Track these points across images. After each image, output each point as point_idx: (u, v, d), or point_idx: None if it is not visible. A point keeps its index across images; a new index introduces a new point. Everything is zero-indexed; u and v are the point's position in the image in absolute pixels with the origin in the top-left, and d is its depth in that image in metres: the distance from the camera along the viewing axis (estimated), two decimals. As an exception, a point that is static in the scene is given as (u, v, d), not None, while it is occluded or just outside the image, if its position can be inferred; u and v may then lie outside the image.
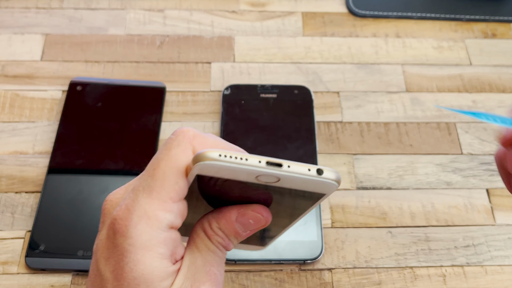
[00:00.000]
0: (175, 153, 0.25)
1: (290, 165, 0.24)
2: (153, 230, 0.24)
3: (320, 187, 0.25)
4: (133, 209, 0.24)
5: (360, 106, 0.53)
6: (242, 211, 0.27)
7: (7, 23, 0.57)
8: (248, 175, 0.24)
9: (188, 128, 0.26)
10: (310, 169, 0.24)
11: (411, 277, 0.44)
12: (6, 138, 0.49)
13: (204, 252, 0.27)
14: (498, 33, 0.59)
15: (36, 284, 0.42)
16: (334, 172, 0.24)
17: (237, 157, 0.23)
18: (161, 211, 0.24)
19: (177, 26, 0.57)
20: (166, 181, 0.25)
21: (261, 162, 0.23)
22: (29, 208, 0.45)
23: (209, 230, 0.27)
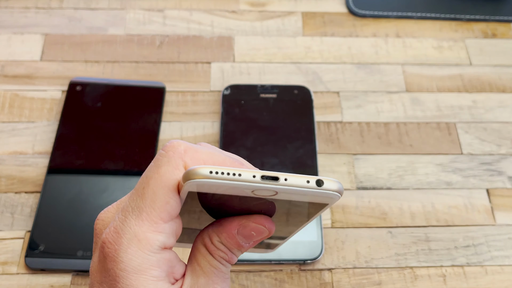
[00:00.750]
0: (165, 171, 0.24)
1: (287, 177, 0.22)
2: (145, 253, 0.23)
3: (322, 198, 0.23)
4: (122, 232, 0.23)
5: (360, 106, 0.53)
6: (243, 223, 0.25)
7: (7, 23, 0.57)
8: (244, 190, 0.23)
9: (179, 142, 0.24)
10: (309, 180, 0.22)
11: (411, 277, 0.43)
12: (6, 138, 0.49)
13: (207, 269, 0.26)
14: (498, 33, 0.59)
15: (36, 284, 0.42)
16: (335, 182, 0.22)
17: (230, 173, 0.22)
18: (151, 232, 0.23)
19: (177, 26, 0.57)
20: (156, 201, 0.23)
21: (255, 176, 0.22)
22: (29, 208, 0.45)
23: (210, 245, 0.26)
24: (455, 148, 0.51)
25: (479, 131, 0.52)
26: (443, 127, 0.52)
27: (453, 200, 0.47)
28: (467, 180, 0.49)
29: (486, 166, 0.50)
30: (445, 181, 0.49)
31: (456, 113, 0.53)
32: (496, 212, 0.47)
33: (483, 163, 0.50)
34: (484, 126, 0.52)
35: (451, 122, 0.52)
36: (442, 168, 0.49)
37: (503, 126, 0.52)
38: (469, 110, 0.53)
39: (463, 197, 0.48)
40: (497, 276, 0.44)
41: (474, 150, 0.51)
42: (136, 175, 0.47)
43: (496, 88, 0.55)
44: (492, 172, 0.49)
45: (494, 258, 0.45)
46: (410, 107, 0.53)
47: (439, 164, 0.49)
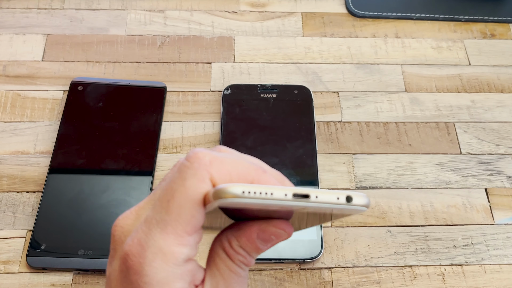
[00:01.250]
0: (191, 184, 0.23)
1: (317, 195, 0.22)
2: (170, 267, 0.23)
3: (348, 212, 0.24)
4: (147, 245, 0.23)
5: (360, 106, 0.53)
6: (263, 227, 0.25)
7: (9, 23, 0.57)
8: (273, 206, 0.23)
9: (204, 153, 0.24)
10: (339, 197, 0.22)
11: (410, 276, 0.44)
12: (8, 138, 0.49)
13: (226, 274, 0.26)
14: (497, 34, 0.59)
15: (37, 283, 0.42)
16: (364, 197, 0.23)
17: (261, 192, 0.22)
18: (177, 246, 0.23)
19: (178, 26, 0.58)
20: (182, 215, 0.23)
21: (287, 195, 0.22)
22: (30, 207, 0.46)
23: (230, 249, 0.26)
24: (454, 148, 0.51)
25: (478, 131, 0.52)
26: (442, 127, 0.52)
27: (452, 199, 0.48)
28: (465, 179, 0.49)
29: (484, 166, 0.50)
30: (444, 180, 0.49)
31: (455, 113, 0.53)
32: (494, 212, 0.47)
33: (481, 163, 0.50)
34: (482, 126, 0.52)
35: (450, 122, 0.52)
36: (441, 168, 0.50)
37: (501, 126, 0.52)
38: (468, 110, 0.53)
39: (462, 196, 0.48)
40: (495, 275, 0.44)
41: (473, 150, 0.51)
42: (136, 174, 0.47)
43: (495, 88, 0.55)
44: (490, 172, 0.49)
45: (493, 257, 0.45)
46: (409, 107, 0.53)
47: (438, 163, 0.50)
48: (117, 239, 0.25)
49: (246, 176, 0.24)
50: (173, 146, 0.50)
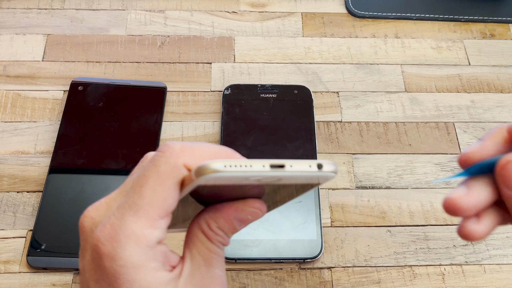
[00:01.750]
0: (164, 170, 0.24)
1: (292, 164, 0.24)
2: (143, 249, 0.24)
3: (319, 179, 0.25)
4: (120, 229, 0.24)
5: (360, 106, 0.53)
6: (240, 208, 0.27)
7: (9, 24, 0.57)
8: (252, 179, 0.24)
9: (174, 143, 0.25)
10: (311, 165, 0.24)
11: (410, 275, 0.44)
12: (8, 138, 0.49)
13: (206, 255, 0.26)
14: (496, 34, 0.59)
15: (38, 283, 0.42)
16: (332, 164, 0.25)
17: (242, 165, 0.23)
18: (149, 229, 0.24)
19: (178, 26, 0.58)
20: (155, 199, 0.24)
21: (265, 166, 0.24)
22: (31, 207, 0.46)
23: (208, 231, 0.27)
24: (453, 148, 0.51)
25: (478, 131, 0.52)
26: (441, 127, 0.52)
27: (452, 199, 0.48)
28: (465, 179, 0.49)
29: (484, 166, 0.50)
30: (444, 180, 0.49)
31: (454, 113, 0.53)
32: (494, 211, 0.47)
33: (481, 163, 0.50)
34: (482, 125, 0.52)
35: (450, 122, 0.52)
36: (441, 168, 0.50)
37: (501, 126, 0.52)
38: (468, 110, 0.53)
39: (462, 196, 0.48)
40: (495, 275, 0.44)
41: (472, 150, 0.51)
42: (137, 174, 0.47)
43: (495, 88, 0.55)
44: (490, 172, 0.49)
45: (493, 257, 0.45)
46: (409, 107, 0.53)
47: (438, 163, 0.50)
48: (88, 230, 0.25)
49: (218, 157, 0.25)
50: (173, 146, 0.50)
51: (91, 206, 0.26)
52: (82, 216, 0.26)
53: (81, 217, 0.26)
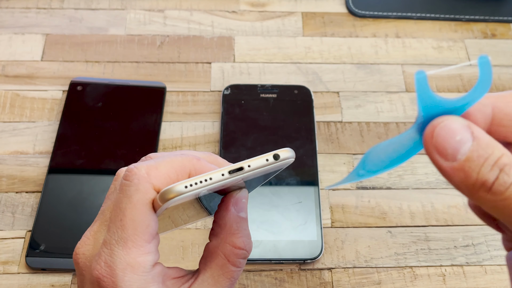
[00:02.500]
0: (137, 199, 0.25)
1: (250, 164, 0.25)
2: (140, 276, 0.25)
3: (281, 166, 0.27)
4: (114, 264, 0.25)
5: (360, 106, 0.53)
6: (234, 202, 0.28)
7: (8, 23, 0.57)
8: (217, 187, 0.25)
9: (138, 167, 0.26)
10: (268, 158, 0.25)
11: (411, 276, 0.44)
12: (7, 138, 0.49)
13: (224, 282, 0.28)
14: (497, 33, 0.59)
15: (37, 284, 0.42)
16: (289, 151, 0.26)
17: (202, 181, 0.24)
18: (141, 256, 0.25)
19: (177, 26, 0.58)
20: (138, 229, 0.25)
21: (224, 174, 0.25)
22: (30, 208, 0.45)
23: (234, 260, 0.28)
24: (454, 148, 0.51)
25: (479, 131, 0.52)
26: (442, 127, 0.52)
27: (453, 199, 0.48)
28: (466, 180, 0.49)
29: (485, 166, 0.50)
30: (445, 180, 0.49)
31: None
32: (495, 212, 0.47)
33: (482, 163, 0.50)
34: (483, 126, 0.52)
35: (451, 122, 0.52)
36: (442, 168, 0.49)
37: (502, 126, 0.52)
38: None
39: (463, 196, 0.48)
40: (496, 276, 0.44)
41: (473, 150, 0.51)
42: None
43: (496, 88, 0.55)
44: (491, 172, 0.49)
45: (494, 258, 0.45)
46: (409, 107, 0.53)
47: (439, 164, 0.50)
48: (82, 265, 0.27)
49: (183, 170, 0.26)
50: (173, 146, 0.50)
51: (79, 242, 0.27)
52: (74, 254, 0.27)
53: (74, 254, 0.27)
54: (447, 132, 0.20)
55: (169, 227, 0.32)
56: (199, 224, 0.45)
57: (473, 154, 0.19)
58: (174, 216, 0.31)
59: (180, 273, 0.28)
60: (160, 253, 0.39)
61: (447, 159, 0.20)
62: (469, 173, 0.19)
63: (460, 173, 0.19)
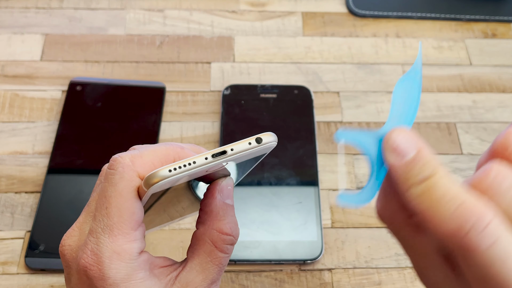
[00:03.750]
0: (122, 187, 0.25)
1: (232, 147, 0.25)
2: (127, 263, 0.25)
3: (264, 150, 0.27)
4: (101, 252, 0.25)
5: (360, 106, 0.53)
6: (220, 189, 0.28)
7: (7, 23, 0.57)
8: (201, 172, 0.26)
9: (123, 156, 0.26)
10: (251, 142, 0.26)
11: (411, 277, 0.43)
12: (6, 138, 0.49)
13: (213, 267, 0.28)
14: (498, 33, 0.59)
15: (36, 284, 0.42)
16: (271, 135, 0.26)
17: (185, 164, 0.25)
18: (127, 243, 0.25)
19: (177, 26, 0.57)
20: (123, 216, 0.25)
21: (207, 158, 0.25)
22: (29, 208, 0.45)
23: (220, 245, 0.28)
24: (455, 148, 0.51)
25: (479, 131, 0.52)
26: (443, 127, 0.52)
27: (453, 200, 0.47)
28: (467, 180, 0.49)
29: (486, 166, 0.50)
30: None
31: (456, 113, 0.53)
32: (496, 212, 0.47)
33: (483, 163, 0.50)
34: (484, 126, 0.52)
35: (451, 122, 0.52)
36: (442, 168, 0.49)
37: (503, 126, 0.52)
38: (469, 110, 0.53)
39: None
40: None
41: (474, 150, 0.51)
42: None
43: (496, 88, 0.55)
44: (492, 172, 0.49)
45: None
46: (410, 107, 0.53)
47: (439, 164, 0.49)
48: (69, 257, 0.27)
49: (167, 158, 0.27)
50: (173, 146, 0.49)
51: (65, 234, 0.28)
52: (61, 246, 0.27)
53: (60, 246, 0.27)
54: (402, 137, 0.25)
55: (165, 220, 0.32)
56: (199, 225, 0.45)
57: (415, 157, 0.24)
58: (169, 210, 0.31)
59: (168, 262, 0.28)
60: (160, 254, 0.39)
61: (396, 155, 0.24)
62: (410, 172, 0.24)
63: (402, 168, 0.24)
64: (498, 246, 0.21)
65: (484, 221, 0.21)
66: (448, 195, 0.22)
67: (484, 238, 0.21)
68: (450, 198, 0.22)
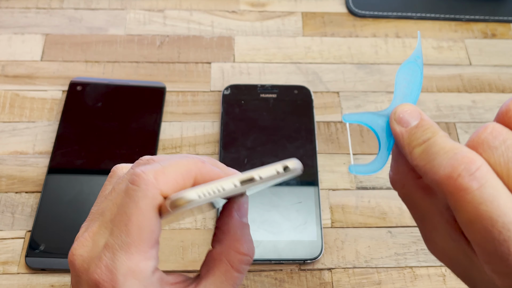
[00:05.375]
0: (144, 205, 0.25)
1: (260, 175, 0.25)
2: (141, 282, 0.25)
3: (288, 177, 0.27)
4: (115, 269, 0.25)
5: (360, 106, 0.53)
6: (237, 208, 0.28)
7: (7, 23, 0.57)
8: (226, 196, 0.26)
9: (146, 172, 0.25)
10: (278, 170, 0.26)
11: (411, 277, 0.44)
12: (6, 138, 0.49)
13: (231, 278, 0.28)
14: (497, 33, 0.59)
15: (36, 284, 0.42)
16: (297, 163, 0.27)
17: (214, 191, 0.25)
18: (143, 261, 0.25)
19: (177, 26, 0.58)
20: (143, 234, 0.25)
21: (236, 185, 0.25)
22: (29, 208, 0.45)
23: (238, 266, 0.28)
24: (454, 148, 0.51)
25: (479, 131, 0.52)
26: (442, 127, 0.52)
27: (453, 200, 0.48)
28: (466, 180, 0.49)
29: (485, 166, 0.50)
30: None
31: (455, 113, 0.53)
32: (495, 212, 0.47)
33: (482, 163, 0.50)
34: (483, 126, 0.52)
35: (451, 122, 0.52)
36: (442, 168, 0.49)
37: (502, 126, 0.52)
38: (469, 110, 0.53)
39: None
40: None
41: (473, 150, 0.51)
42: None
43: (496, 88, 0.55)
44: (491, 172, 0.49)
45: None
46: (410, 107, 0.53)
47: (439, 164, 0.50)
48: (79, 267, 0.26)
49: (189, 174, 0.26)
50: (173, 146, 0.50)
51: (76, 242, 0.27)
52: (71, 254, 0.27)
53: (70, 255, 0.27)
54: (407, 109, 0.28)
55: (172, 220, 0.32)
56: (199, 224, 0.45)
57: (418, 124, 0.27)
58: (177, 214, 0.31)
59: (180, 278, 0.28)
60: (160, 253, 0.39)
61: (401, 125, 0.28)
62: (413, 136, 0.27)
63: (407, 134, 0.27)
64: (487, 187, 0.23)
65: (475, 165, 0.23)
66: (444, 148, 0.25)
67: (474, 179, 0.23)
68: (446, 151, 0.25)
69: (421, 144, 0.26)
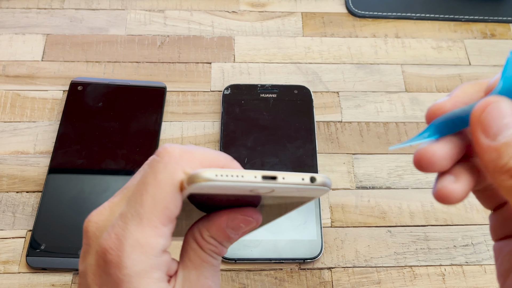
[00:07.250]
0: (163, 177, 0.24)
1: (284, 176, 0.24)
2: (148, 258, 0.24)
3: (313, 193, 0.25)
4: (124, 239, 0.24)
5: (360, 106, 0.53)
6: (232, 216, 0.26)
7: (8, 23, 0.57)
8: (244, 189, 0.24)
9: (173, 147, 0.24)
10: (304, 178, 0.24)
11: (411, 276, 0.44)
12: (7, 138, 0.49)
13: (198, 263, 0.26)
14: (497, 34, 0.59)
15: (37, 283, 0.42)
16: (326, 178, 0.24)
17: (233, 175, 0.23)
18: (153, 237, 0.24)
19: (178, 26, 0.58)
20: (157, 207, 0.24)
21: (256, 177, 0.23)
22: (30, 207, 0.46)
23: (201, 240, 0.26)
24: (454, 148, 0.51)
25: (478, 131, 0.52)
26: (442, 127, 0.52)
27: (452, 199, 0.48)
28: (466, 179, 0.49)
29: (485, 166, 0.50)
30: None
31: (455, 113, 0.53)
32: (494, 212, 0.47)
33: (482, 163, 0.50)
34: (483, 126, 0.52)
35: (450, 122, 0.52)
36: (441, 168, 0.49)
37: (502, 126, 0.52)
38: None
39: (462, 196, 0.48)
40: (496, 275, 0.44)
41: (473, 150, 0.51)
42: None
43: (495, 88, 0.55)
44: (491, 172, 0.49)
45: (493, 257, 0.45)
46: (409, 107, 0.53)
47: (438, 163, 0.50)
48: (92, 234, 0.25)
49: (217, 163, 0.25)
50: (173, 146, 0.50)
51: (95, 210, 0.26)
52: (87, 221, 0.26)
53: (85, 221, 0.26)
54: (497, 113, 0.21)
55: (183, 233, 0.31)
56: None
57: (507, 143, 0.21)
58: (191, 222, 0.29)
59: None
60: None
61: (488, 136, 0.21)
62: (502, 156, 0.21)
63: (494, 152, 0.21)
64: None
65: None
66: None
67: None
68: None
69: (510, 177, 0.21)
